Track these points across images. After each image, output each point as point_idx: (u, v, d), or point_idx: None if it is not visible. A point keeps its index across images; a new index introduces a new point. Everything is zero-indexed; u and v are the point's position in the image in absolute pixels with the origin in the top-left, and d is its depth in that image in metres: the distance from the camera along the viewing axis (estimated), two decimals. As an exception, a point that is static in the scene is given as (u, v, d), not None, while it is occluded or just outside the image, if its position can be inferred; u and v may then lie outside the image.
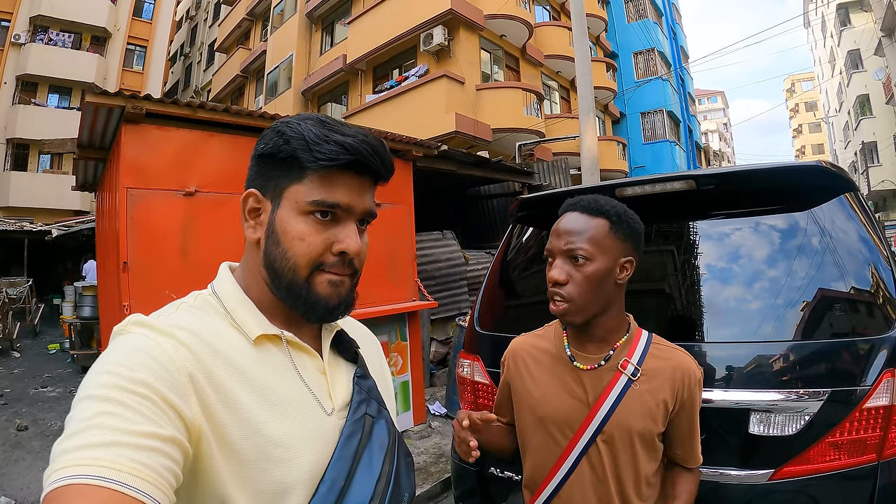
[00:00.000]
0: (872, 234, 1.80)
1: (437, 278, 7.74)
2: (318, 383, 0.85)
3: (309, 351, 0.87)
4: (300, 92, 19.64)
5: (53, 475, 0.57)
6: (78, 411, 0.63)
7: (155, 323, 0.75)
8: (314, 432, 0.80)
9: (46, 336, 11.55)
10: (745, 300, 1.85)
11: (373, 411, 0.89)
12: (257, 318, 0.83)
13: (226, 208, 4.26)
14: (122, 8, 25.39)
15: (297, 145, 0.79)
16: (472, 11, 14.84)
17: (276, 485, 0.74)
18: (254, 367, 0.78)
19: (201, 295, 0.86)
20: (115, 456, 0.58)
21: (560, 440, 1.38)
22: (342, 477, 0.78)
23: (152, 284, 3.89)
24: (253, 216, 0.85)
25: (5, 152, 21.84)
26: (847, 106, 34.11)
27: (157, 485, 0.60)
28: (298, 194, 0.80)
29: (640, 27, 24.62)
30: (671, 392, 1.34)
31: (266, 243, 0.82)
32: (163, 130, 4.12)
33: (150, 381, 0.66)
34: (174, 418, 0.66)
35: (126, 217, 3.84)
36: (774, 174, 1.88)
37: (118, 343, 0.73)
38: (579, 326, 1.36)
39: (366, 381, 0.92)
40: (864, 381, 1.58)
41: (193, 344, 0.74)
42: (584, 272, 1.28)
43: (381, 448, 0.86)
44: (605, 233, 1.30)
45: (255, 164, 0.86)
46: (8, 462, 4.81)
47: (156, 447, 0.62)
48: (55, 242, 13.13)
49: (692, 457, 1.42)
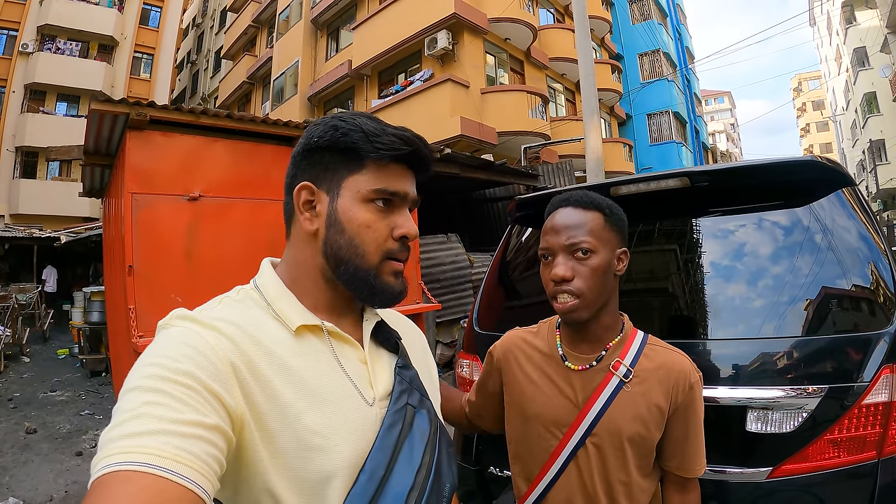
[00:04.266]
0: (870, 229, 1.79)
1: (441, 281, 7.74)
2: (360, 373, 0.86)
3: (350, 341, 0.88)
4: (306, 98, 19.74)
5: (100, 462, 0.58)
6: (124, 402, 0.64)
7: (197, 316, 0.77)
8: (354, 422, 0.80)
9: (56, 341, 11.62)
10: (741, 297, 1.84)
11: (414, 401, 0.90)
12: (298, 309, 0.85)
13: (229, 212, 4.30)
14: (129, 16, 25.64)
15: (357, 137, 0.84)
16: (475, 15, 14.88)
17: (316, 473, 0.75)
18: (294, 357, 0.79)
19: (244, 289, 0.88)
20: (159, 444, 0.59)
21: (550, 441, 1.34)
22: (382, 467, 0.79)
23: (157, 287, 3.92)
24: (307, 208, 0.87)
25: (14, 160, 22.05)
26: (854, 104, 33.88)
27: (201, 471, 0.61)
28: (359, 184, 0.85)
29: (644, 28, 24.58)
30: (664, 395, 1.28)
31: (328, 233, 0.85)
32: (167, 136, 4.17)
33: (193, 372, 0.68)
34: (217, 407, 0.68)
35: (131, 221, 3.88)
36: (769, 170, 1.87)
37: (162, 336, 0.74)
38: (580, 324, 1.31)
39: (407, 371, 0.93)
40: (862, 377, 1.56)
41: (235, 335, 0.76)
42: (589, 265, 1.25)
43: (423, 438, 0.86)
44: (602, 225, 1.29)
45: (305, 157, 0.88)
46: (17, 464, 4.86)
47: (200, 435, 0.63)
48: (63, 249, 13.21)
49: (686, 467, 1.32)
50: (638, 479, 1.30)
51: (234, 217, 4.32)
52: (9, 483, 4.42)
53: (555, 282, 1.28)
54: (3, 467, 4.76)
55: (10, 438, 5.54)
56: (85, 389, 7.59)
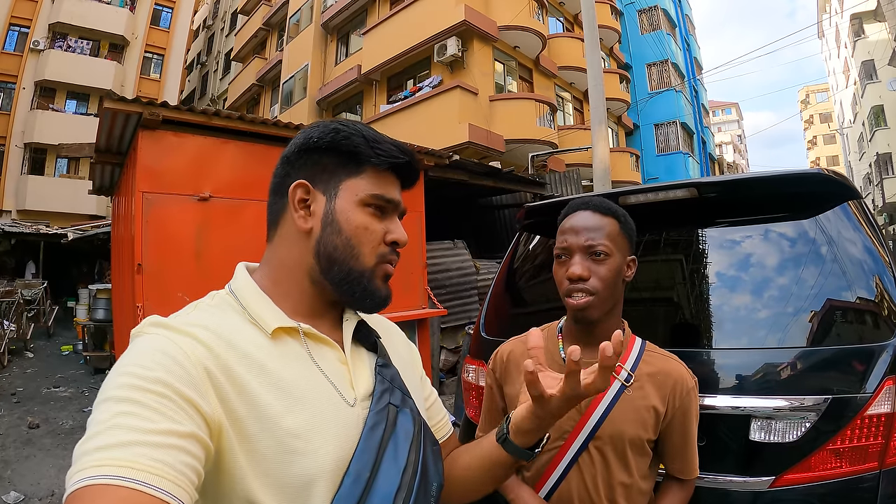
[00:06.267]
0: (876, 241, 1.81)
1: (447, 287, 7.75)
2: (339, 374, 0.85)
3: (328, 342, 0.87)
4: (315, 101, 19.82)
5: (75, 476, 0.58)
6: (98, 413, 0.64)
7: (171, 322, 0.76)
8: (335, 423, 0.79)
9: (60, 338, 11.65)
10: (747, 307, 1.85)
11: (396, 401, 0.89)
12: (273, 311, 0.84)
13: (239, 213, 4.33)
14: (140, 16, 25.77)
15: (359, 141, 0.86)
16: (485, 23, 14.93)
17: (298, 478, 0.74)
18: (271, 360, 0.78)
19: (218, 294, 0.88)
20: (133, 455, 0.59)
21: (552, 446, 1.35)
22: (367, 469, 0.78)
23: (166, 286, 3.95)
24: (302, 206, 0.87)
25: (23, 156, 22.14)
26: (861, 117, 33.84)
27: (177, 482, 0.60)
28: (358, 187, 0.87)
29: (653, 39, 24.61)
30: (662, 400, 1.33)
31: (323, 232, 0.86)
32: (179, 137, 4.20)
33: (166, 379, 0.67)
34: (193, 414, 0.67)
35: (141, 220, 3.92)
36: (777, 182, 1.89)
37: (136, 344, 0.74)
38: (585, 326, 1.36)
39: (388, 370, 0.92)
40: (864, 389, 1.57)
41: (209, 340, 0.75)
42: (605, 267, 1.31)
43: (407, 438, 0.85)
44: (618, 231, 1.35)
45: (300, 157, 0.89)
46: (19, 458, 4.89)
47: (174, 444, 0.62)
48: (70, 246, 13.28)
49: (687, 469, 1.41)
50: (638, 481, 1.34)
51: (243, 218, 4.35)
52: (10, 477, 4.44)
53: (570, 280, 1.33)
54: (5, 461, 4.78)
55: (12, 433, 5.57)
56: (88, 386, 7.61)
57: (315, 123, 0.91)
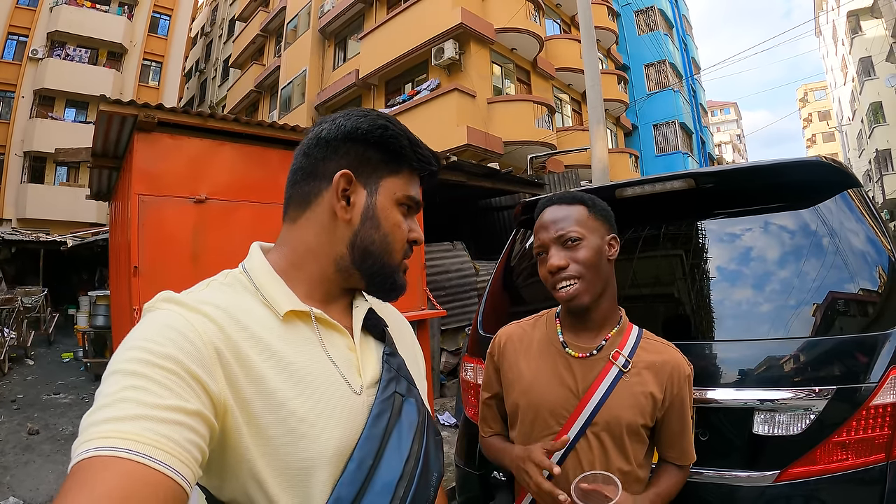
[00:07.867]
0: (876, 229, 1.78)
1: (447, 288, 7.72)
2: (347, 361, 0.85)
3: (338, 328, 0.87)
4: (314, 106, 19.84)
5: (80, 447, 0.58)
6: (106, 386, 0.64)
7: (184, 299, 0.76)
8: (341, 410, 0.80)
9: (60, 345, 11.64)
10: (748, 298, 1.83)
11: (402, 390, 0.89)
12: (287, 294, 0.83)
13: (235, 215, 4.31)
14: (138, 24, 25.82)
15: (405, 143, 0.90)
16: (482, 25, 14.95)
17: (302, 461, 0.74)
18: (280, 342, 0.78)
19: (232, 273, 0.88)
20: (139, 429, 0.59)
21: (550, 431, 1.38)
22: (371, 456, 0.78)
23: (162, 288, 3.85)
24: (343, 196, 0.87)
25: (22, 165, 22.19)
26: (860, 114, 33.88)
27: (180, 458, 0.60)
28: (396, 186, 0.90)
29: (650, 39, 24.63)
30: (659, 386, 1.35)
31: (362, 226, 0.87)
32: (175, 139, 4.19)
33: (176, 356, 0.67)
34: (200, 393, 0.67)
35: (138, 223, 3.89)
36: (774, 171, 1.86)
37: (147, 319, 0.74)
38: (581, 311, 1.38)
39: (395, 359, 0.93)
40: (869, 379, 1.55)
41: (221, 319, 0.75)
42: (582, 251, 1.34)
43: (411, 427, 0.86)
44: (586, 215, 1.39)
45: (346, 143, 0.88)
46: (18, 464, 4.88)
47: (180, 421, 0.63)
48: (70, 253, 13.28)
49: (684, 456, 1.43)
50: (636, 468, 1.36)
51: (239, 220, 4.33)
52: (10, 483, 4.43)
53: (552, 272, 1.36)
54: (4, 467, 4.77)
55: (12, 439, 5.56)
56: (89, 393, 7.59)
57: (359, 112, 0.91)
